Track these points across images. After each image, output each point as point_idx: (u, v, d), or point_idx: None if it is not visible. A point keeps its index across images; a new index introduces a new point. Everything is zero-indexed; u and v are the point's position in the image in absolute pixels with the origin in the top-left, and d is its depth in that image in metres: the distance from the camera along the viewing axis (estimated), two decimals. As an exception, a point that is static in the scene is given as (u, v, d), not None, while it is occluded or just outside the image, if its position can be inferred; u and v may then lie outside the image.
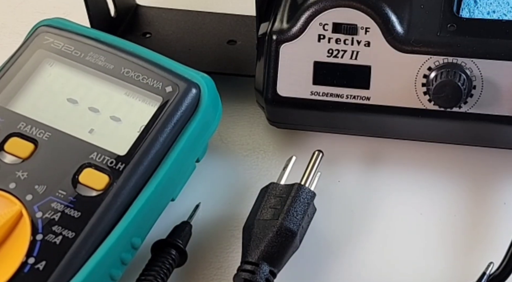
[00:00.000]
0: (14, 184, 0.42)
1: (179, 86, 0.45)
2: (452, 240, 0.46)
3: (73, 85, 0.46)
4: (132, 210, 0.42)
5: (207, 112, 0.46)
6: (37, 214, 0.41)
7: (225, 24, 0.55)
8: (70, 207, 0.42)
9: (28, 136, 0.44)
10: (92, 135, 0.44)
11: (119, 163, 0.43)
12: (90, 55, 0.46)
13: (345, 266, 0.46)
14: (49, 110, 0.45)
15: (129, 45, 0.47)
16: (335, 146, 0.51)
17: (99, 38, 0.47)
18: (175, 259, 0.44)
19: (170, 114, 0.44)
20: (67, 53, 0.46)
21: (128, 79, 0.45)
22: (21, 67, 0.46)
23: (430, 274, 0.45)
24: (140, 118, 0.44)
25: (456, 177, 0.49)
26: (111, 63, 0.46)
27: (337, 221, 0.48)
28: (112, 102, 0.45)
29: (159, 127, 0.44)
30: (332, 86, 0.48)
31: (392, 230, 0.47)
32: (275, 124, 0.51)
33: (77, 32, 0.47)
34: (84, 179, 0.42)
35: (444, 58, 0.46)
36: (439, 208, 0.48)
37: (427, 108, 0.48)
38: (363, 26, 0.47)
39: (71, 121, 0.44)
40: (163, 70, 0.46)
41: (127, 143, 0.44)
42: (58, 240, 0.41)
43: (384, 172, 0.50)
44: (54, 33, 0.47)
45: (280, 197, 0.45)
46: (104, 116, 0.45)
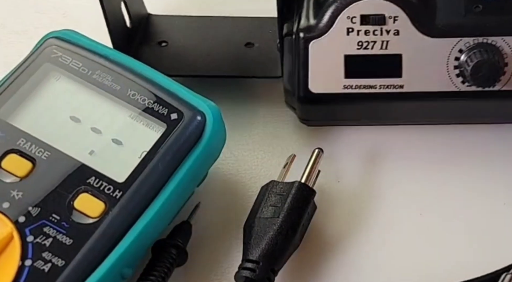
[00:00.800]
0: (7, 204, 0.41)
1: (184, 114, 0.44)
2: (452, 240, 0.47)
3: (78, 103, 0.44)
4: (125, 240, 0.41)
5: (211, 141, 0.45)
6: (28, 238, 0.40)
7: (240, 28, 0.55)
8: (62, 234, 0.40)
9: (27, 154, 0.42)
10: (92, 157, 0.43)
11: (116, 190, 0.42)
12: (98, 73, 0.45)
13: (346, 263, 0.46)
14: (51, 127, 0.43)
15: (138, 66, 0.45)
16: (337, 141, 0.52)
17: (109, 56, 0.45)
18: (175, 259, 0.44)
19: (173, 143, 0.43)
20: (74, 69, 0.45)
21: (133, 102, 0.44)
22: (26, 80, 0.45)
23: (430, 273, 0.45)
24: (142, 144, 0.43)
25: (456, 176, 0.50)
26: (118, 83, 0.44)
27: (338, 219, 0.48)
28: (115, 124, 0.44)
29: (161, 156, 0.43)
30: (364, 78, 0.48)
31: (393, 228, 0.48)
32: (307, 122, 0.51)
33: (87, 47, 0.46)
34: (79, 205, 0.41)
35: (474, 38, 0.47)
36: (439, 208, 0.48)
37: (461, 90, 0.48)
38: (391, 15, 0.47)
39: (72, 140, 0.43)
40: (170, 95, 0.44)
41: (127, 170, 0.42)
42: (47, 267, 0.40)
43: (386, 169, 0.50)
44: (63, 47, 0.45)
45: (281, 195, 0.45)
46: (106, 138, 0.44)
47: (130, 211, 0.42)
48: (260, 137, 0.52)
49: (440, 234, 0.47)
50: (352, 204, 0.48)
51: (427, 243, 0.47)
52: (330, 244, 0.47)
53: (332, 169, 0.50)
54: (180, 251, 0.44)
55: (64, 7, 0.62)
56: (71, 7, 0.62)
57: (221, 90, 0.46)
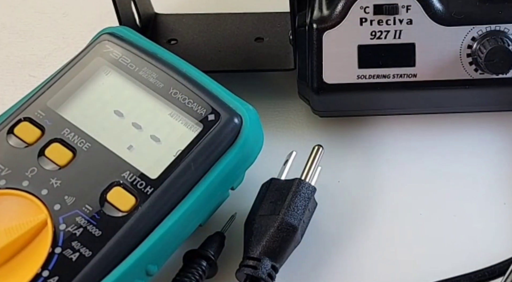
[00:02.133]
0: (46, 191, 0.42)
1: (221, 116, 0.44)
2: (452, 240, 0.47)
3: (122, 98, 0.45)
4: (152, 236, 0.41)
5: (246, 144, 0.44)
6: (60, 226, 0.41)
7: (248, 23, 0.55)
8: (92, 224, 0.41)
9: (69, 144, 0.43)
10: (130, 152, 0.43)
11: (148, 186, 0.42)
12: (144, 70, 0.45)
13: (347, 260, 0.46)
14: (95, 119, 0.44)
15: (183, 65, 0.46)
16: (348, 133, 0.52)
17: (157, 54, 0.46)
18: (205, 271, 0.44)
19: (207, 144, 0.43)
20: (122, 65, 0.45)
21: (174, 100, 0.44)
22: (78, 72, 0.46)
23: (430, 271, 0.45)
24: (179, 142, 0.43)
25: (455, 177, 0.50)
26: (162, 81, 0.45)
27: (339, 215, 0.48)
28: (155, 121, 0.44)
29: (194, 156, 0.43)
30: (378, 68, 0.49)
31: (394, 225, 0.48)
32: (321, 113, 0.51)
33: (137, 44, 0.46)
34: (111, 197, 0.42)
35: (487, 26, 0.47)
36: (438, 208, 0.48)
37: (474, 78, 0.49)
38: (403, 5, 0.48)
39: (113, 134, 0.44)
40: (210, 96, 0.45)
41: (160, 167, 0.43)
42: (74, 256, 0.40)
43: (385, 165, 0.51)
44: (114, 42, 0.46)
45: (281, 192, 0.45)
46: (145, 134, 0.44)
47: (159, 208, 0.42)
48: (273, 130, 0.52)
49: (439, 233, 0.47)
50: (354, 201, 0.49)
51: (427, 241, 0.47)
52: (331, 241, 0.47)
53: (338, 163, 0.50)
54: (211, 263, 0.44)
55: (64, 7, 0.62)
56: (71, 7, 0.62)
57: (233, 85, 0.46)
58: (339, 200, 0.49)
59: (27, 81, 0.57)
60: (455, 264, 0.45)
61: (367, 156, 0.51)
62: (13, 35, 0.60)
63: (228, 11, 0.56)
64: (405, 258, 0.46)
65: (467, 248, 0.46)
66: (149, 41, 0.47)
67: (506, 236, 0.46)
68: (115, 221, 0.41)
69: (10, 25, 0.61)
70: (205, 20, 0.55)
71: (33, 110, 0.44)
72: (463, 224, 0.47)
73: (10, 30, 0.60)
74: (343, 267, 0.46)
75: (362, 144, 0.52)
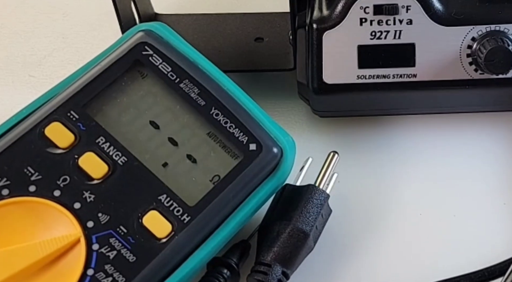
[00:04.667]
0: (79, 205, 0.40)
1: (263, 147, 0.42)
2: (452, 240, 0.47)
3: (160, 109, 0.43)
4: (185, 266, 0.40)
5: (283, 176, 0.44)
6: (93, 245, 0.39)
7: (248, 23, 0.55)
8: (127, 249, 0.39)
9: (105, 156, 0.41)
10: (166, 170, 0.41)
11: (185, 214, 0.40)
12: (185, 82, 0.43)
13: (360, 268, 0.46)
14: (130, 129, 0.42)
15: (226, 82, 0.44)
16: (348, 133, 0.52)
17: (198, 64, 0.43)
18: (227, 279, 0.43)
19: (248, 175, 0.42)
20: (162, 73, 0.43)
21: (215, 121, 0.42)
22: (113, 74, 0.43)
23: (430, 271, 0.45)
24: (217, 167, 0.42)
25: (455, 177, 0.50)
26: (203, 99, 0.43)
27: (354, 222, 0.48)
28: (193, 140, 0.42)
29: (234, 187, 0.41)
30: (378, 68, 0.49)
31: (395, 224, 0.48)
32: (321, 113, 0.51)
33: (178, 49, 0.44)
34: (147, 222, 0.40)
35: (487, 26, 0.47)
36: (438, 208, 0.48)
37: (473, 78, 0.49)
38: (403, 5, 0.48)
39: (148, 147, 0.42)
40: (253, 123, 0.43)
41: (198, 194, 0.41)
42: (107, 281, 0.39)
43: (385, 165, 0.50)
44: (154, 45, 0.43)
45: (294, 198, 0.45)
46: (181, 152, 0.42)
47: (194, 238, 0.40)
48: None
49: (439, 233, 0.47)
50: (368, 207, 0.48)
51: (427, 241, 0.47)
52: (345, 248, 0.47)
53: (338, 163, 0.49)
54: (233, 271, 0.43)
55: (64, 7, 0.62)
56: (71, 7, 0.62)
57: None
58: (354, 207, 0.48)
59: (27, 81, 0.57)
60: (455, 264, 0.45)
61: (367, 156, 0.51)
62: (13, 35, 0.60)
63: (228, 11, 0.57)
64: (404, 258, 0.46)
65: (467, 248, 0.46)
66: (189, 45, 0.44)
67: (506, 236, 0.46)
68: (150, 248, 0.39)
69: (10, 25, 0.61)
70: (205, 20, 0.55)
71: (65, 110, 0.42)
72: (463, 224, 0.47)
73: (10, 30, 0.60)
74: (356, 275, 0.46)
75: (362, 144, 0.52)
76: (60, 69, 0.58)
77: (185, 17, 0.56)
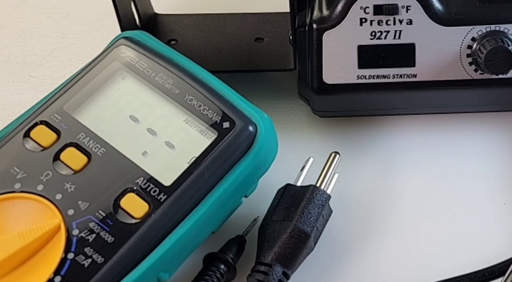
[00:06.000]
0: (60, 196, 0.42)
1: (236, 124, 0.44)
2: (452, 240, 0.47)
3: (138, 103, 0.45)
4: (164, 244, 0.41)
5: (260, 153, 0.44)
6: (74, 231, 0.41)
7: (248, 23, 0.55)
8: (105, 231, 0.41)
9: (84, 149, 0.43)
10: (145, 157, 0.43)
11: (161, 194, 0.42)
12: (160, 76, 0.45)
13: (360, 268, 0.46)
14: (110, 124, 0.44)
15: (199, 71, 0.46)
16: (348, 133, 0.52)
17: (173, 59, 0.46)
18: (223, 274, 0.44)
19: (222, 152, 0.43)
20: (139, 70, 0.45)
21: (190, 107, 0.44)
22: (94, 77, 0.45)
23: (430, 271, 0.45)
24: (193, 149, 0.43)
25: (455, 177, 0.50)
26: (178, 87, 0.45)
27: (354, 223, 0.48)
28: (170, 127, 0.44)
29: (208, 164, 0.43)
30: (378, 68, 0.49)
31: (395, 224, 0.48)
32: (321, 113, 0.51)
33: (154, 49, 0.46)
34: (125, 204, 0.42)
35: (487, 26, 0.47)
36: (438, 208, 0.48)
37: (473, 78, 0.49)
38: (403, 5, 0.48)
39: (128, 139, 0.44)
40: (225, 103, 0.44)
41: (174, 174, 0.42)
42: (87, 262, 0.40)
43: (385, 165, 0.51)
44: (131, 47, 0.46)
45: (295, 199, 0.45)
46: (160, 140, 0.44)
47: (172, 215, 0.42)
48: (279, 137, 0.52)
49: (440, 234, 0.47)
50: (367, 207, 0.48)
51: (427, 241, 0.47)
52: (345, 248, 0.47)
53: (344, 165, 0.50)
54: (230, 266, 0.44)
55: (64, 7, 0.62)
56: (71, 7, 0.62)
57: (233, 85, 0.46)
58: (355, 207, 0.48)
59: (27, 81, 0.57)
60: (455, 264, 0.45)
61: (366, 156, 0.51)
62: (13, 35, 0.60)
63: (228, 11, 0.57)
64: (405, 258, 0.46)
65: (467, 248, 0.46)
66: (166, 45, 0.47)
67: (506, 236, 0.46)
68: (128, 227, 0.41)
69: (10, 25, 0.61)
70: (205, 20, 0.55)
71: (49, 114, 0.44)
72: (463, 224, 0.47)
73: (10, 30, 0.61)
74: (356, 276, 0.46)
75: (362, 144, 0.52)
76: (60, 69, 0.58)
77: (185, 17, 0.56)
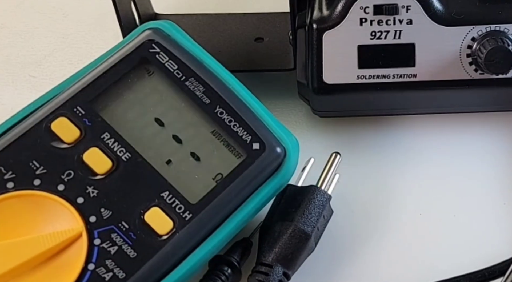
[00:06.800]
0: (82, 199, 0.40)
1: (266, 146, 0.42)
2: (452, 240, 0.47)
3: (165, 106, 0.43)
4: (186, 263, 0.40)
5: (286, 176, 0.44)
6: (95, 240, 0.39)
7: (248, 23, 0.55)
8: (128, 244, 0.39)
9: (109, 152, 0.41)
10: (169, 168, 0.42)
11: (187, 212, 0.41)
12: (191, 81, 0.43)
13: (360, 268, 0.46)
14: (135, 126, 0.42)
15: (232, 81, 0.44)
16: (348, 133, 0.52)
17: (204, 63, 0.44)
18: (228, 277, 0.43)
19: (251, 175, 0.42)
20: (169, 71, 0.43)
21: (219, 120, 0.42)
22: (120, 70, 0.43)
23: (430, 271, 0.45)
24: (219, 165, 0.42)
25: (455, 176, 0.50)
26: (208, 97, 0.43)
27: (355, 223, 0.48)
28: (197, 138, 0.43)
29: (236, 185, 0.41)
30: (378, 68, 0.49)
31: (395, 224, 0.48)
32: (321, 113, 0.51)
33: (185, 48, 0.44)
34: (149, 218, 0.40)
35: (487, 26, 0.47)
36: (438, 208, 0.48)
37: (473, 78, 0.49)
38: (403, 5, 0.48)
39: (152, 145, 0.42)
40: (257, 122, 0.43)
41: (200, 192, 0.41)
42: (107, 276, 0.39)
43: (385, 165, 0.50)
44: (162, 43, 0.44)
45: (296, 199, 0.45)
46: (185, 150, 0.42)
47: (195, 235, 0.41)
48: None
49: (439, 234, 0.47)
50: (367, 207, 0.48)
51: (427, 241, 0.47)
52: (346, 249, 0.47)
53: (344, 165, 0.50)
54: (235, 269, 0.44)
55: (64, 7, 0.62)
56: (71, 7, 0.62)
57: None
58: (356, 208, 0.48)
59: (27, 81, 0.57)
60: (455, 264, 0.45)
61: (366, 156, 0.51)
62: (13, 35, 0.60)
63: (228, 11, 0.57)
64: (405, 258, 0.46)
65: (467, 248, 0.46)
66: (195, 43, 0.45)
67: (506, 236, 0.46)
68: (151, 244, 0.40)
69: (10, 25, 0.61)
70: (205, 20, 0.55)
71: (71, 106, 0.42)
72: (463, 224, 0.47)
73: (10, 30, 0.61)
74: (357, 276, 0.46)
75: (362, 144, 0.52)
76: (60, 69, 0.58)
77: (185, 17, 0.56)
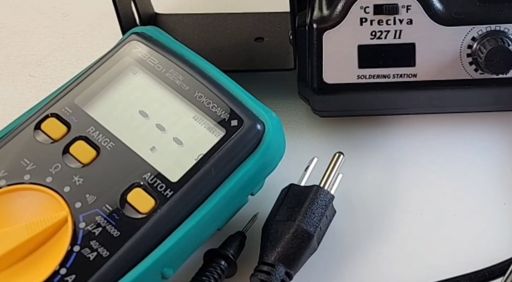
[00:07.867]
0: (68, 188, 0.42)
1: (244, 122, 0.44)
2: (452, 240, 0.47)
3: (148, 99, 0.45)
4: (169, 240, 0.41)
5: (267, 151, 0.44)
6: (80, 224, 0.41)
7: (248, 23, 0.55)
8: (111, 225, 0.41)
9: (93, 142, 0.43)
10: (153, 153, 0.43)
11: (168, 189, 0.42)
12: (171, 72, 0.45)
13: (362, 268, 0.46)
14: (120, 119, 0.44)
15: (209, 68, 0.46)
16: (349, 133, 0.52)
17: (184, 56, 0.46)
18: (224, 270, 0.44)
19: (229, 149, 0.43)
20: (150, 66, 0.46)
21: (199, 104, 0.44)
22: (105, 71, 0.46)
23: (430, 271, 0.45)
24: (201, 146, 0.43)
25: (455, 177, 0.50)
26: (187, 84, 0.45)
27: (358, 223, 0.48)
28: (179, 124, 0.44)
29: (216, 160, 0.43)
30: (378, 68, 0.49)
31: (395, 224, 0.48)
32: (321, 113, 0.51)
33: (165, 45, 0.46)
34: (131, 198, 0.42)
35: (487, 26, 0.48)
36: (438, 208, 0.48)
37: (473, 78, 0.49)
38: (404, 5, 0.48)
39: (136, 134, 0.44)
40: (234, 101, 0.44)
41: (181, 170, 0.43)
42: (92, 256, 0.40)
43: (385, 165, 0.51)
44: (143, 42, 0.46)
45: (299, 199, 0.45)
46: (168, 136, 0.44)
47: (178, 211, 0.42)
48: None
49: (440, 234, 0.47)
50: (368, 207, 0.48)
51: (427, 241, 0.47)
52: (349, 249, 0.47)
53: (344, 165, 0.49)
54: (230, 262, 0.44)
55: (64, 7, 0.62)
56: (71, 7, 0.62)
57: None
58: (359, 208, 0.48)
59: (27, 81, 0.57)
60: (455, 264, 0.45)
61: (366, 156, 0.51)
62: (13, 35, 0.60)
63: (228, 11, 0.57)
64: (405, 258, 0.46)
65: (467, 248, 0.46)
66: (177, 42, 0.47)
67: (506, 236, 0.46)
68: (134, 222, 0.41)
69: (10, 25, 0.61)
70: (205, 20, 0.56)
71: (60, 107, 0.44)
72: (463, 224, 0.47)
73: (10, 30, 0.61)
74: (359, 276, 0.46)
75: (362, 144, 0.52)
76: (60, 69, 0.58)
77: (185, 17, 0.56)
